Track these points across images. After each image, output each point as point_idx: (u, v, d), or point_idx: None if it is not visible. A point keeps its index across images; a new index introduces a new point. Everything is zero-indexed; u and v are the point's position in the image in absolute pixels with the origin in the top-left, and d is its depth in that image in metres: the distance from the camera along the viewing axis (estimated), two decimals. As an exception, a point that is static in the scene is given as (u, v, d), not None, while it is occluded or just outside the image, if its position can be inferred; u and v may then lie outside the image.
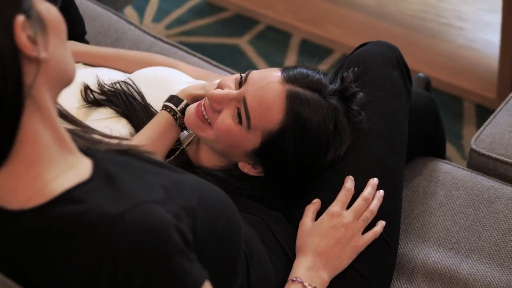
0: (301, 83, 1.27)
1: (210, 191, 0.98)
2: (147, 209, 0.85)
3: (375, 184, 1.28)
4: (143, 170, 0.94)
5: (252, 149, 1.28)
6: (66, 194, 0.84)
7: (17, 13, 0.79)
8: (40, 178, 0.84)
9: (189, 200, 0.91)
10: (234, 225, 1.00)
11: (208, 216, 0.94)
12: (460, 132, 2.36)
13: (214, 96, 1.27)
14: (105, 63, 1.58)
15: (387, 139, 1.33)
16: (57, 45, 0.85)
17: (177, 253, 0.85)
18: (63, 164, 0.86)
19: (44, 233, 0.83)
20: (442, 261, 1.37)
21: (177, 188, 0.92)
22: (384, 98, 1.35)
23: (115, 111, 1.41)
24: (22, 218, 0.83)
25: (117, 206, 0.84)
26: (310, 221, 1.25)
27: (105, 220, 0.82)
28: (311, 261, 1.20)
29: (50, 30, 0.84)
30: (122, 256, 0.82)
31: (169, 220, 0.85)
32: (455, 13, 2.69)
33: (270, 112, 1.25)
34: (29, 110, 0.81)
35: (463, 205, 1.45)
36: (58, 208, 0.83)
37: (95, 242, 0.82)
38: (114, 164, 0.91)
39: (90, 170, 0.88)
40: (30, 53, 0.80)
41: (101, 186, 0.86)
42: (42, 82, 0.83)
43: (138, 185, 0.88)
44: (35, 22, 0.81)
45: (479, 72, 2.50)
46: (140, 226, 0.83)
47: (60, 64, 0.85)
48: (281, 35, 2.78)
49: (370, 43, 1.43)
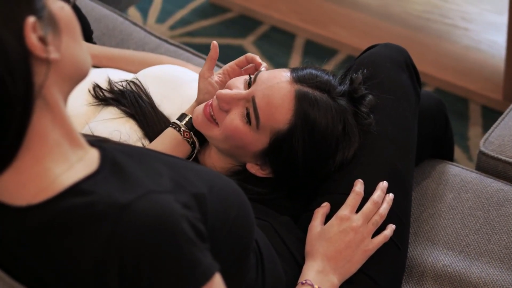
0: (310, 83, 1.26)
1: (221, 180, 0.97)
2: (156, 198, 0.84)
3: (385, 188, 1.27)
4: (151, 157, 0.93)
5: (261, 150, 1.28)
6: (74, 186, 0.84)
7: (28, 14, 0.79)
8: (49, 173, 0.83)
9: (199, 188, 0.90)
10: (246, 214, 0.99)
11: (219, 204, 0.93)
12: (466, 134, 2.36)
13: (223, 96, 1.27)
14: (112, 64, 1.57)
15: (396, 142, 1.32)
16: (70, 43, 0.84)
17: (186, 242, 0.83)
18: (72, 158, 0.86)
19: (52, 226, 0.82)
20: (452, 264, 1.36)
21: (187, 175, 0.91)
22: (394, 100, 1.34)
23: (122, 111, 1.40)
24: (29, 214, 0.83)
25: (125, 195, 0.83)
26: (319, 225, 1.24)
27: (113, 210, 0.81)
28: (321, 265, 1.20)
29: (63, 29, 0.83)
30: (130, 246, 0.81)
31: (178, 209, 0.84)
32: (460, 14, 2.68)
33: (279, 112, 1.24)
34: (39, 109, 0.81)
35: (472, 208, 1.45)
36: (66, 201, 0.83)
37: (103, 233, 0.81)
38: (122, 153, 0.90)
39: (98, 161, 0.88)
40: (40, 54, 0.79)
41: (109, 176, 0.86)
42: (53, 80, 0.82)
43: (146, 173, 0.88)
44: (47, 22, 0.81)
45: (485, 73, 2.49)
46: (148, 216, 0.82)
47: (74, 61, 0.85)
48: (285, 36, 2.77)
49: (379, 45, 1.43)
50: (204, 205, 0.89)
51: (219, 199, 0.93)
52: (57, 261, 0.83)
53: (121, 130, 1.36)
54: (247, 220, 0.99)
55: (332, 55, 2.67)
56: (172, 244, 0.82)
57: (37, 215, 0.82)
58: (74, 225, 0.82)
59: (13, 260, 0.86)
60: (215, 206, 0.91)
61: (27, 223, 0.83)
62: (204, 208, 0.89)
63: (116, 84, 1.44)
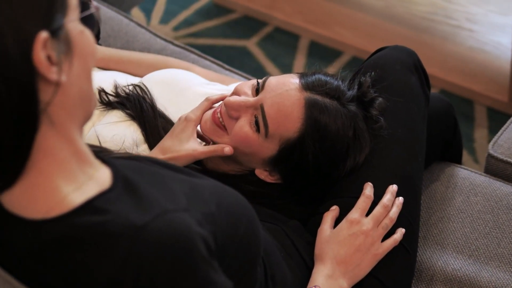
0: (319, 90, 1.25)
1: (228, 195, 0.97)
2: (172, 217, 0.83)
3: (395, 191, 1.26)
4: (160, 176, 0.92)
5: (270, 157, 1.27)
6: (88, 204, 0.83)
7: (42, 29, 0.76)
8: (59, 190, 0.83)
9: (208, 206, 0.90)
10: (254, 229, 0.98)
11: (227, 222, 0.92)
12: (472, 135, 2.35)
13: (231, 103, 1.26)
14: (119, 67, 1.56)
15: (406, 145, 1.32)
16: (82, 74, 0.82)
17: (203, 263, 0.83)
18: (81, 177, 0.85)
19: (67, 242, 0.82)
20: (462, 268, 1.35)
21: (195, 193, 0.91)
22: (403, 103, 1.33)
23: (127, 114, 1.39)
24: (44, 227, 0.82)
25: (141, 215, 0.82)
26: (329, 228, 1.24)
27: (129, 231, 0.81)
28: (330, 269, 1.19)
29: (77, 55, 0.81)
30: (146, 266, 0.80)
31: (194, 229, 0.83)
32: (465, 15, 2.67)
33: (289, 120, 1.23)
34: (45, 126, 0.80)
35: (481, 211, 1.44)
36: (80, 218, 0.82)
37: (119, 253, 0.80)
38: (133, 171, 0.89)
39: (110, 179, 0.87)
40: (45, 72, 0.77)
41: (122, 194, 0.85)
42: (60, 103, 0.80)
43: (159, 192, 0.87)
44: (61, 43, 0.79)
45: (490, 74, 2.48)
46: (165, 236, 0.81)
47: (81, 94, 0.83)
48: (289, 37, 2.76)
49: (388, 48, 1.42)
50: (214, 223, 0.89)
51: (227, 216, 0.92)
52: (70, 276, 0.82)
53: (126, 133, 1.35)
54: (255, 235, 0.98)
55: (337, 56, 2.66)
56: (189, 264, 0.82)
57: (52, 229, 0.82)
58: (90, 242, 0.81)
59: (25, 272, 0.85)
60: (224, 223, 0.91)
61: (42, 236, 0.82)
62: (213, 226, 0.88)
63: (122, 87, 1.43)
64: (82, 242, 0.81)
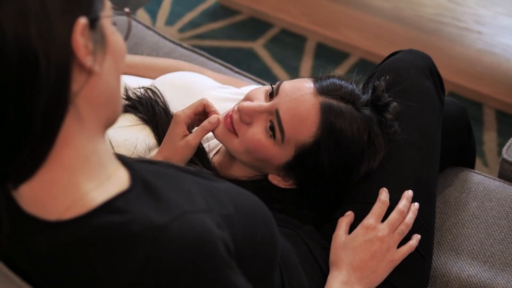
0: (334, 94, 1.24)
1: (245, 198, 0.95)
2: (192, 219, 0.82)
3: (410, 197, 1.25)
4: (177, 178, 0.91)
5: (284, 163, 1.25)
6: (108, 204, 0.81)
7: (82, 15, 0.77)
8: (79, 187, 0.81)
9: (226, 209, 0.89)
10: (272, 232, 0.97)
11: (246, 225, 0.91)
12: (481, 138, 2.33)
13: (245, 108, 1.24)
14: (132, 72, 1.55)
15: (421, 150, 1.30)
16: (112, 72, 0.82)
17: (222, 265, 0.82)
18: (101, 175, 0.84)
19: (86, 243, 0.80)
20: (477, 275, 1.34)
21: (213, 196, 0.89)
22: (418, 108, 1.32)
23: (139, 118, 1.38)
24: (62, 229, 0.81)
25: (161, 216, 0.81)
26: (344, 234, 1.22)
27: (149, 232, 0.79)
28: (346, 275, 1.18)
29: (110, 51, 0.81)
30: (168, 268, 0.79)
31: (215, 231, 0.82)
32: (473, 17, 2.66)
33: (304, 125, 1.22)
34: (71, 117, 0.79)
35: (496, 217, 1.42)
36: (100, 218, 0.80)
37: (139, 254, 0.79)
38: (150, 174, 0.88)
39: (128, 180, 0.85)
40: (82, 58, 0.77)
41: (142, 195, 0.84)
42: (88, 98, 0.80)
43: (177, 194, 0.86)
44: (98, 35, 0.79)
45: (499, 77, 2.47)
46: (185, 238, 0.80)
47: (108, 92, 0.83)
48: (296, 39, 2.75)
49: (402, 52, 1.40)
50: (232, 225, 0.87)
51: (245, 218, 0.91)
52: (87, 279, 0.81)
53: (138, 138, 1.34)
54: (272, 238, 0.97)
55: (344, 58, 2.65)
56: (210, 266, 0.81)
57: (70, 230, 0.80)
58: (109, 244, 0.80)
59: (42, 275, 0.84)
60: (242, 225, 0.90)
61: (60, 238, 0.81)
62: (232, 228, 0.87)
63: (134, 90, 1.42)
64: (100, 244, 0.80)
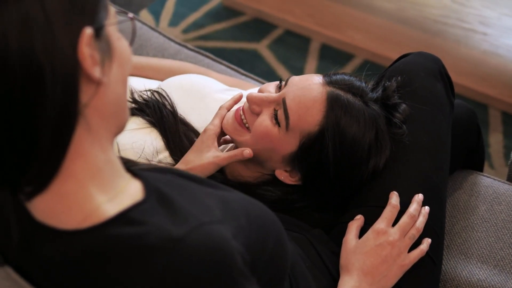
0: (342, 85, 1.24)
1: (256, 208, 0.95)
2: (209, 230, 0.81)
3: (421, 200, 1.24)
4: (190, 189, 0.90)
5: (290, 153, 1.25)
6: (123, 215, 0.80)
7: (86, 25, 0.76)
8: (93, 200, 0.80)
9: (239, 219, 0.88)
10: (282, 243, 0.96)
11: (257, 235, 0.90)
12: (487, 140, 2.32)
13: (254, 98, 1.26)
14: (138, 73, 1.54)
15: (431, 153, 1.29)
16: (119, 80, 0.81)
17: (239, 276, 0.81)
18: (114, 187, 0.83)
19: (101, 254, 0.79)
20: (487, 279, 1.33)
21: (225, 206, 0.88)
22: (429, 111, 1.32)
23: (147, 121, 1.37)
24: (77, 238, 0.80)
25: (177, 227, 0.80)
26: (354, 238, 1.22)
27: (166, 243, 0.78)
28: (357, 280, 1.17)
29: (116, 60, 0.80)
30: (187, 280, 0.78)
31: (231, 242, 0.81)
32: (478, 18, 2.65)
33: (310, 113, 1.22)
34: (82, 129, 0.78)
35: (506, 220, 1.41)
36: (115, 229, 0.79)
37: (156, 266, 0.78)
38: (164, 184, 0.87)
39: (142, 191, 0.84)
40: (89, 69, 0.76)
41: (157, 207, 0.83)
42: (97, 108, 0.79)
43: (192, 205, 0.85)
44: (103, 44, 0.78)
45: (505, 78, 2.46)
46: (205, 249, 0.79)
47: (116, 101, 0.82)
48: (300, 40, 2.74)
49: (412, 54, 1.40)
50: (245, 236, 0.87)
51: (257, 229, 0.90)
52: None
53: (146, 140, 1.33)
54: (283, 249, 0.96)
55: (348, 59, 2.64)
56: (229, 277, 0.80)
57: (86, 240, 0.79)
58: (125, 255, 0.79)
59: (52, 284, 0.83)
60: (254, 236, 0.89)
61: (75, 247, 0.80)
62: (245, 239, 0.87)
63: (140, 93, 1.41)
64: (116, 255, 0.79)
